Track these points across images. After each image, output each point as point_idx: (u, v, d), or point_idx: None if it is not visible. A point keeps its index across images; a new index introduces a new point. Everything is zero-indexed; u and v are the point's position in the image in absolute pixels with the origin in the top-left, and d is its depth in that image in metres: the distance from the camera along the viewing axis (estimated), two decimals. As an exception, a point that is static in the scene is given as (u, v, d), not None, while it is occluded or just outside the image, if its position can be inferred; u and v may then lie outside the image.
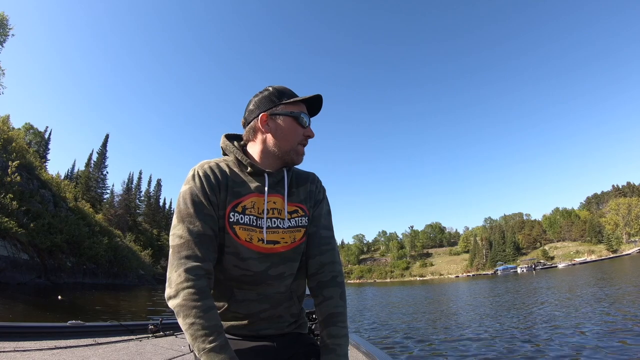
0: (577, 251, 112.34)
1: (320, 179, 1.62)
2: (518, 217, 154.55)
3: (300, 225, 1.45)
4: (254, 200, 1.37)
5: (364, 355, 3.02)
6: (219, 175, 1.36)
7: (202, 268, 1.21)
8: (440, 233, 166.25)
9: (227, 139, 1.53)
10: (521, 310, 14.86)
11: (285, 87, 1.49)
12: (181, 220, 1.27)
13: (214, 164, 1.39)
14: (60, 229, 31.06)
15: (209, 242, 1.27)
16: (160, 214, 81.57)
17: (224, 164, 1.41)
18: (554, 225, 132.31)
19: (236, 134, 1.59)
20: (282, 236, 1.39)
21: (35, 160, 38.04)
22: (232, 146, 1.47)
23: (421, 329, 12.20)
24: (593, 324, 10.02)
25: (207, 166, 1.37)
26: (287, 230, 1.40)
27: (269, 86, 1.49)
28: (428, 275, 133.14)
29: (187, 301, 1.14)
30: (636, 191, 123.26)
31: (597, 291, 18.94)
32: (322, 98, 1.48)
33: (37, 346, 2.98)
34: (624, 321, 9.79)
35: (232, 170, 1.41)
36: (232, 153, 1.45)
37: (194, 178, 1.33)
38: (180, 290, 1.16)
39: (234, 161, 1.44)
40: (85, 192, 57.38)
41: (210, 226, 1.29)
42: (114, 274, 39.77)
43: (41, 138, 55.01)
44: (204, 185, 1.31)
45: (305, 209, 1.49)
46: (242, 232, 1.33)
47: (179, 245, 1.23)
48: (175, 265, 1.20)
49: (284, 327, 1.44)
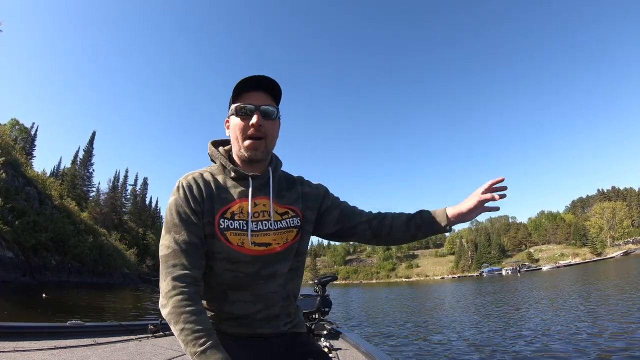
0: (561, 254, 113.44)
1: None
2: (504, 220, 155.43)
3: (292, 225, 1.47)
4: (241, 206, 1.39)
5: (364, 355, 3.05)
6: (201, 185, 1.37)
7: (190, 275, 1.23)
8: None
9: (213, 145, 1.54)
10: (509, 312, 15.10)
11: (238, 82, 1.40)
12: (168, 231, 1.31)
13: (198, 174, 1.41)
14: (45, 227, 30.66)
15: (195, 250, 1.29)
16: (146, 213, 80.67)
17: (208, 173, 1.43)
18: (539, 228, 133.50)
19: (223, 140, 1.60)
20: (273, 237, 1.40)
21: (21, 157, 37.50)
22: (217, 153, 1.50)
23: (417, 329, 12.34)
24: (564, 326, 10.29)
25: (191, 177, 1.39)
26: (277, 231, 1.42)
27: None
28: (414, 276, 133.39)
29: (175, 308, 1.16)
30: (621, 195, 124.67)
31: (579, 293, 19.36)
32: (259, 76, 1.38)
33: (36, 346, 2.97)
34: (597, 324, 10.04)
35: (216, 178, 1.42)
36: (218, 159, 1.47)
37: (178, 190, 1.36)
38: (169, 299, 1.18)
39: (219, 168, 1.47)
40: (71, 190, 56.37)
41: (196, 234, 1.31)
42: (99, 273, 39.34)
43: (27, 134, 53.78)
44: (187, 196, 1.34)
45: (297, 210, 1.51)
46: (234, 238, 1.35)
47: (166, 255, 1.26)
48: (164, 274, 1.24)
49: (280, 326, 1.44)
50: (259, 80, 1.39)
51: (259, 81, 1.39)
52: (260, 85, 1.41)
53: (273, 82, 1.40)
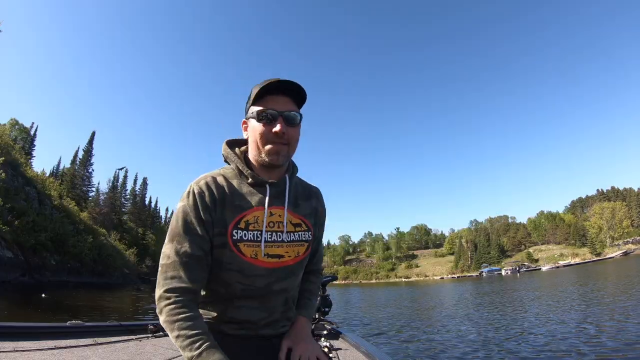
0: (561, 254, 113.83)
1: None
2: (503, 220, 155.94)
3: (304, 239, 1.44)
4: (256, 215, 1.33)
5: (364, 355, 3.05)
6: (215, 191, 1.30)
7: (185, 289, 1.20)
8: (426, 235, 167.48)
9: (228, 146, 1.46)
10: (512, 311, 15.11)
11: (260, 83, 1.33)
12: (171, 239, 1.25)
13: (211, 179, 1.33)
14: (44, 227, 30.69)
15: (196, 263, 1.24)
16: (146, 213, 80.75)
17: (222, 177, 1.35)
18: (539, 228, 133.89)
19: (238, 139, 1.52)
20: (285, 250, 1.37)
21: (20, 157, 37.48)
22: (233, 155, 1.41)
23: (417, 329, 12.39)
24: (563, 326, 10.32)
25: (204, 182, 1.31)
26: (290, 243, 1.39)
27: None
28: (413, 276, 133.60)
29: (169, 316, 1.16)
30: (620, 195, 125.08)
31: (578, 293, 19.37)
32: (289, 82, 1.31)
33: (37, 346, 2.97)
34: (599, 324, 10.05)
35: (232, 183, 1.35)
36: (234, 162, 1.40)
37: (188, 196, 1.28)
38: (163, 308, 1.18)
39: (235, 172, 1.39)
40: (70, 190, 56.36)
41: (200, 247, 1.25)
42: (98, 273, 39.41)
43: (27, 134, 53.74)
44: (197, 204, 1.26)
45: (309, 224, 1.48)
46: (247, 249, 1.30)
47: (165, 265, 1.23)
48: (160, 284, 1.22)
49: (278, 327, 1.43)
50: (283, 84, 1.31)
51: (284, 85, 1.32)
52: (285, 89, 1.33)
53: (298, 86, 1.33)
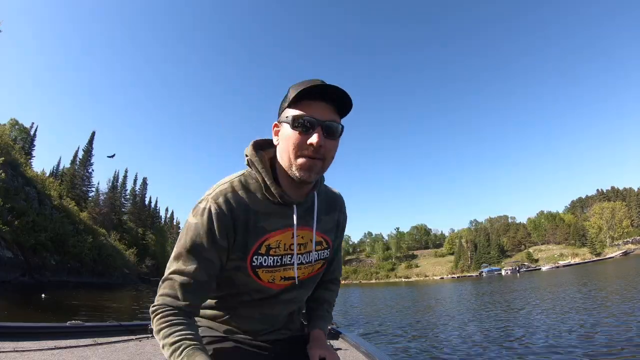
0: (561, 254, 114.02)
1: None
2: (503, 220, 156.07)
3: (322, 258, 1.39)
4: (279, 239, 1.24)
5: (364, 355, 3.04)
6: (237, 212, 1.18)
7: (182, 309, 1.14)
8: (426, 235, 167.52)
9: (254, 148, 1.28)
10: (512, 312, 15.12)
11: (300, 83, 1.16)
12: (177, 256, 1.16)
13: (231, 193, 1.19)
14: (44, 227, 30.74)
15: (199, 287, 1.15)
16: (146, 213, 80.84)
17: (243, 191, 1.21)
18: (539, 228, 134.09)
19: (265, 140, 1.34)
20: (302, 271, 1.32)
21: (20, 157, 37.53)
22: (259, 162, 1.23)
23: (417, 329, 12.38)
24: (567, 325, 10.30)
25: (223, 199, 1.17)
26: (308, 264, 1.34)
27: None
28: (413, 276, 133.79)
29: (158, 326, 1.11)
30: (620, 195, 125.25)
31: (578, 293, 19.35)
32: (334, 87, 1.12)
33: (36, 346, 2.95)
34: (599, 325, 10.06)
35: (255, 199, 1.22)
36: (259, 174, 1.22)
37: (203, 213, 1.16)
38: (153, 317, 1.14)
39: (260, 184, 1.22)
40: (70, 190, 56.47)
41: (207, 271, 1.16)
42: (98, 273, 39.47)
43: (27, 134, 53.79)
44: (214, 226, 1.14)
45: (329, 241, 1.42)
46: (265, 275, 1.24)
47: (167, 280, 1.16)
48: (158, 296, 1.17)
49: (279, 334, 1.42)
50: (327, 89, 1.12)
51: (328, 90, 1.13)
52: (328, 94, 1.15)
53: (343, 93, 1.13)
